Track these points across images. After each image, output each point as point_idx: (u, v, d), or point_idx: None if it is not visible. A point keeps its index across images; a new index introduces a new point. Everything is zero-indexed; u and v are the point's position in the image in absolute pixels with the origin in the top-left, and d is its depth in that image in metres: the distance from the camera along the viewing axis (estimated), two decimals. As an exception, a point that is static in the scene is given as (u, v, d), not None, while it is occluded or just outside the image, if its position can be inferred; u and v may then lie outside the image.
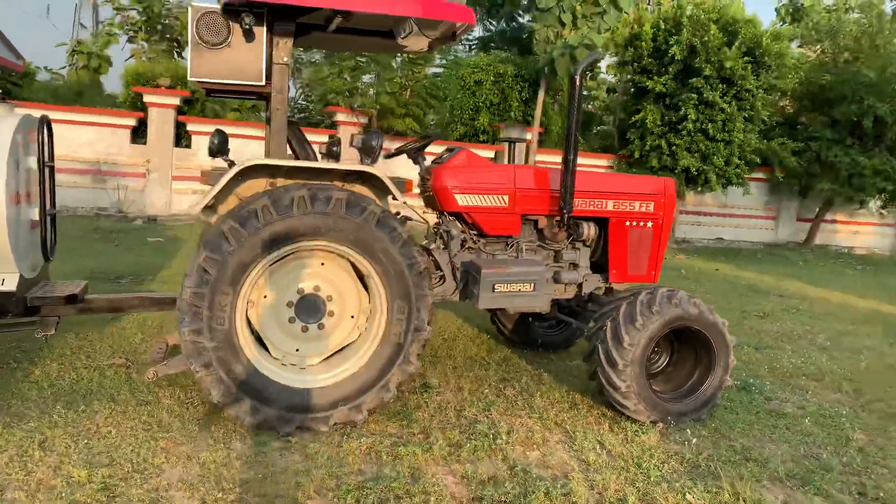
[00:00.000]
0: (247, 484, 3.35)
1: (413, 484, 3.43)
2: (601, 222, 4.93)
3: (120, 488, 3.22)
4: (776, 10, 19.96)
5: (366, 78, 14.92)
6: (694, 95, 13.96)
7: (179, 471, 3.42)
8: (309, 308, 4.07)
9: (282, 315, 4.05)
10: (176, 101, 13.44)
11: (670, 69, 14.25)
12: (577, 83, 4.39)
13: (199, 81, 4.00)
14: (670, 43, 14.04)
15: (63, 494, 3.13)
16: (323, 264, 4.10)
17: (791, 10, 19.96)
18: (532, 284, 4.41)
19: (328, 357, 4.18)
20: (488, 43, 21.02)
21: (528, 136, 14.96)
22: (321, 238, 3.81)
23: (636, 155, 15.07)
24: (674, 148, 14.43)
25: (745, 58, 13.92)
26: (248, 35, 3.91)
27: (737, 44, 13.78)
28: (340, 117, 14.07)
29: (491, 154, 15.25)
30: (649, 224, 4.94)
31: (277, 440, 3.83)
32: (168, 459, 3.52)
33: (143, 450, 3.59)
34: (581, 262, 4.96)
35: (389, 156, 5.01)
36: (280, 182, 4.00)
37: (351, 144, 4.32)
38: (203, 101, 14.20)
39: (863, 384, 5.69)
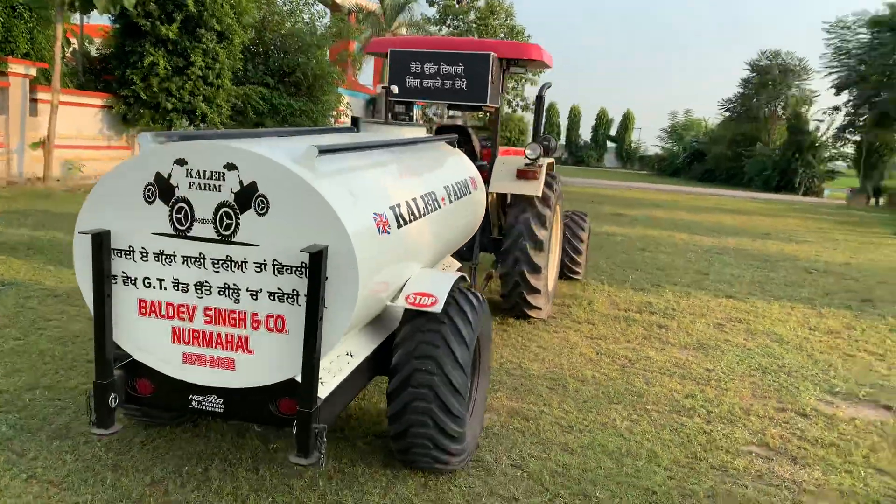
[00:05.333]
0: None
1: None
2: None
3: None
4: None
5: None
6: (201, 46, 15.83)
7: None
8: None
9: None
10: None
11: (176, 17, 15.46)
12: (542, 100, 6.74)
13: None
14: (183, -5, 15.31)
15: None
16: None
17: None
18: None
19: None
20: None
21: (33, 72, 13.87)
22: None
23: (143, 96, 15.78)
24: (182, 91, 15.96)
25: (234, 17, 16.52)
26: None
27: (232, 2, 16.29)
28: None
29: (-7, 90, 13.48)
30: None
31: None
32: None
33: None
34: None
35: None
36: None
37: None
38: None
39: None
